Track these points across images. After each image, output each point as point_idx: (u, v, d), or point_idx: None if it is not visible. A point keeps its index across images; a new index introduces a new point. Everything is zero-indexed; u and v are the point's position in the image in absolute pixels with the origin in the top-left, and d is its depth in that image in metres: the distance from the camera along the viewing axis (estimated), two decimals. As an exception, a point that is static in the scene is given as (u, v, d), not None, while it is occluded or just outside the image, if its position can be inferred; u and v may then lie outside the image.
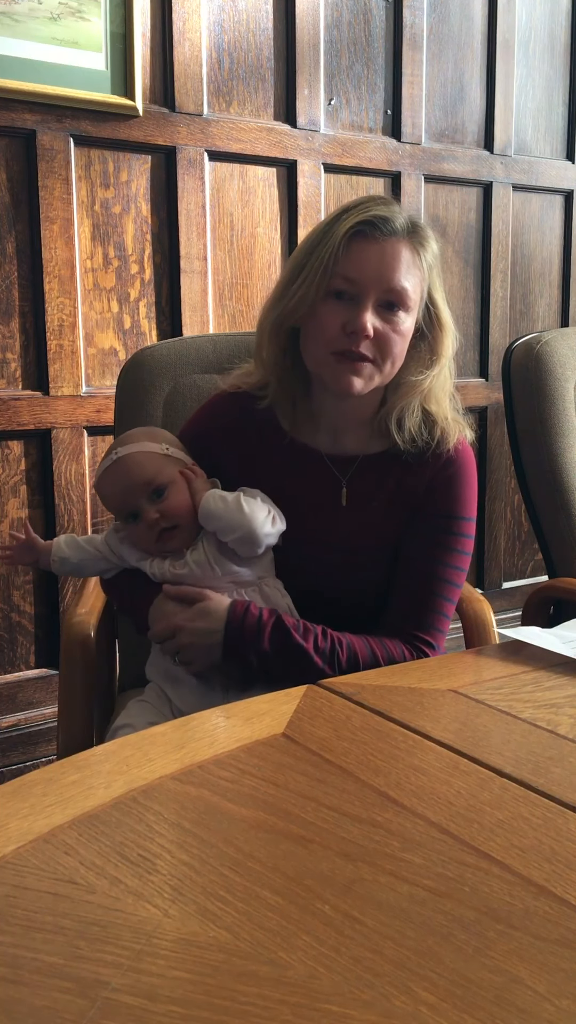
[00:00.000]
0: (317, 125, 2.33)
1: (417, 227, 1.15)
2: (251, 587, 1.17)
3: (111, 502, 1.18)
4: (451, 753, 0.76)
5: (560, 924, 0.54)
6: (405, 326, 1.13)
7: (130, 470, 1.15)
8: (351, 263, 1.11)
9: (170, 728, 0.81)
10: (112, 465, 1.16)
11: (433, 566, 1.18)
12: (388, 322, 1.12)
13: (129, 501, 1.15)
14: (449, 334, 1.19)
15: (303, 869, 0.59)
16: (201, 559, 1.15)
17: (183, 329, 2.19)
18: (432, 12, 2.51)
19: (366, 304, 1.11)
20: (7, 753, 2.06)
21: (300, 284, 1.13)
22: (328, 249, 1.11)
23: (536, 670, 0.97)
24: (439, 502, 1.19)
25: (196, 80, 2.14)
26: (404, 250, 1.12)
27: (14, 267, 1.99)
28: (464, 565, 1.20)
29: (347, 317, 1.11)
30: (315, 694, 0.88)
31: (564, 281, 2.88)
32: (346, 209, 1.13)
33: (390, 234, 1.11)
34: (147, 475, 1.14)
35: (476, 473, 1.24)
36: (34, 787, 0.69)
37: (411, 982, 0.49)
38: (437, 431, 1.20)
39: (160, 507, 1.13)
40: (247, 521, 1.12)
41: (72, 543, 1.22)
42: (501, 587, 2.84)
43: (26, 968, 0.50)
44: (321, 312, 1.12)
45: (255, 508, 1.13)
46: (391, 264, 1.11)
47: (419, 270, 1.14)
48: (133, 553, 1.19)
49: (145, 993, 0.48)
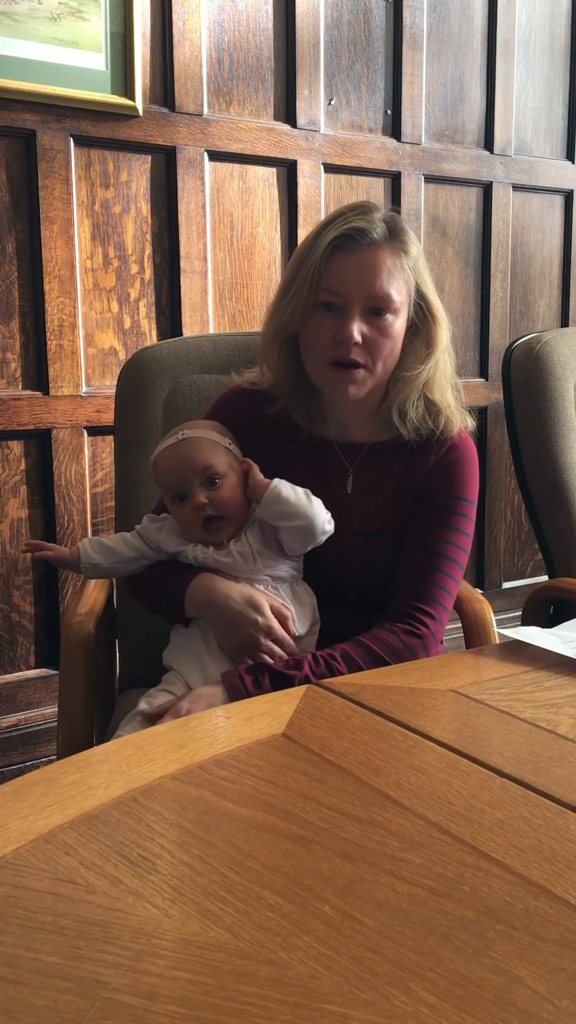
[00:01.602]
0: (317, 125, 2.33)
1: (396, 231, 1.18)
2: (285, 584, 1.20)
3: (164, 479, 1.20)
4: (451, 753, 0.76)
5: (560, 924, 0.54)
6: (394, 329, 1.17)
7: (192, 452, 1.18)
8: (333, 276, 1.16)
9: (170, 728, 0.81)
10: (176, 444, 1.19)
11: (434, 543, 1.21)
12: (376, 327, 1.16)
13: (183, 482, 1.17)
14: (442, 325, 1.22)
15: (303, 869, 0.59)
16: (245, 550, 1.17)
17: (183, 329, 2.19)
18: (432, 12, 2.51)
19: (352, 314, 1.15)
20: (7, 753, 2.06)
21: (290, 299, 1.19)
22: (312, 264, 1.16)
23: (536, 670, 0.97)
24: (441, 484, 1.23)
25: (196, 80, 2.14)
26: (385, 257, 1.16)
27: (14, 267, 1.99)
28: (465, 545, 1.23)
29: (336, 327, 1.16)
30: (315, 694, 0.88)
31: (564, 281, 2.88)
32: (328, 222, 1.18)
33: (369, 244, 1.15)
34: (207, 460, 1.17)
35: (477, 460, 1.27)
36: (34, 787, 0.69)
37: (411, 982, 0.49)
38: (441, 419, 1.23)
39: (211, 495, 1.16)
40: (313, 512, 1.15)
41: (100, 548, 1.23)
42: (501, 587, 2.84)
43: (26, 968, 0.50)
44: (311, 324, 1.18)
45: (320, 505, 1.17)
46: (372, 273, 1.15)
47: (402, 271, 1.17)
48: (172, 540, 1.21)
49: (145, 993, 0.48)
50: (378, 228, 1.16)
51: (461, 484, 1.23)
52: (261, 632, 1.13)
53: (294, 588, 1.21)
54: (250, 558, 1.17)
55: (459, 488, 1.23)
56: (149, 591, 1.23)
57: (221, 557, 1.18)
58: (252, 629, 1.13)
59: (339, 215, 1.18)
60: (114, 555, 1.22)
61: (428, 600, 1.19)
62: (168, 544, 1.21)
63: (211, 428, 1.23)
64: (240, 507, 1.18)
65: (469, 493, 1.24)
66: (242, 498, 1.18)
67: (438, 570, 1.20)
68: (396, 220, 1.19)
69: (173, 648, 1.22)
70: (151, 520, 1.24)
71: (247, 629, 1.13)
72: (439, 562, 1.20)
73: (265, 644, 1.14)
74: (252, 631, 1.13)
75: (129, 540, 1.23)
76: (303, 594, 1.21)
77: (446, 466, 1.23)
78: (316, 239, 1.17)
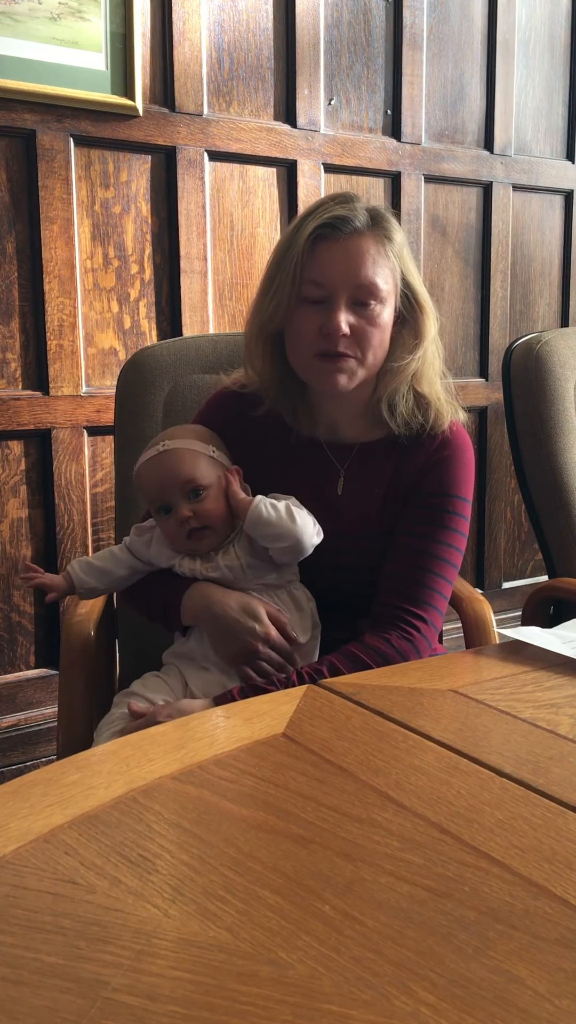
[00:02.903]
0: (317, 125, 2.33)
1: (379, 219, 1.15)
2: (281, 590, 1.18)
3: (147, 492, 1.19)
4: (451, 753, 0.76)
5: (560, 924, 0.54)
6: (382, 318, 1.15)
7: (173, 465, 1.16)
8: (316, 267, 1.12)
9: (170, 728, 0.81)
10: (157, 456, 1.17)
11: (424, 543, 1.17)
12: (363, 317, 1.13)
13: (165, 495, 1.15)
14: (430, 315, 1.20)
15: (303, 869, 0.59)
16: (233, 563, 1.16)
17: (183, 329, 2.19)
18: (432, 12, 2.51)
19: (338, 304, 1.12)
20: (7, 753, 2.06)
21: (273, 294, 1.15)
22: (293, 257, 1.13)
23: (536, 670, 0.97)
24: (432, 481, 1.19)
25: (196, 80, 2.14)
26: (368, 245, 1.13)
27: (14, 267, 1.99)
28: (459, 545, 1.19)
29: (322, 320, 1.13)
30: (315, 694, 0.88)
31: (564, 281, 2.88)
32: (308, 213, 1.15)
33: (352, 232, 1.12)
34: (189, 473, 1.15)
35: (472, 455, 1.23)
36: (34, 787, 0.69)
37: (411, 982, 0.49)
38: (431, 413, 1.20)
39: (195, 507, 1.14)
40: (298, 531, 1.12)
41: (91, 570, 1.21)
42: (501, 587, 2.84)
43: (26, 968, 0.50)
44: (296, 318, 1.15)
45: (305, 518, 1.14)
46: (356, 262, 1.12)
47: (387, 259, 1.15)
48: (163, 553, 1.19)
49: (145, 993, 0.48)
50: (360, 216, 1.13)
51: (454, 481, 1.20)
52: (259, 639, 1.12)
53: (292, 593, 1.19)
54: (239, 571, 1.16)
55: (452, 485, 1.19)
56: (145, 600, 1.22)
57: (210, 572, 1.16)
58: (250, 637, 1.12)
59: (319, 205, 1.15)
60: (107, 575, 1.21)
61: (419, 603, 1.16)
62: (159, 559, 1.19)
63: (194, 436, 1.20)
64: (225, 517, 1.16)
65: (462, 490, 1.20)
66: (227, 507, 1.16)
67: (430, 572, 1.17)
68: (378, 209, 1.17)
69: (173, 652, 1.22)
70: (139, 532, 1.22)
71: (244, 637, 1.12)
72: (431, 563, 1.17)
73: (263, 651, 1.13)
74: (250, 639, 1.12)
75: (119, 557, 1.21)
76: (302, 598, 1.20)
77: (437, 462, 1.20)
78: (296, 231, 1.14)
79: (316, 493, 1.20)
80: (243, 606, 1.13)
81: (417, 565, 1.17)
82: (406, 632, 1.14)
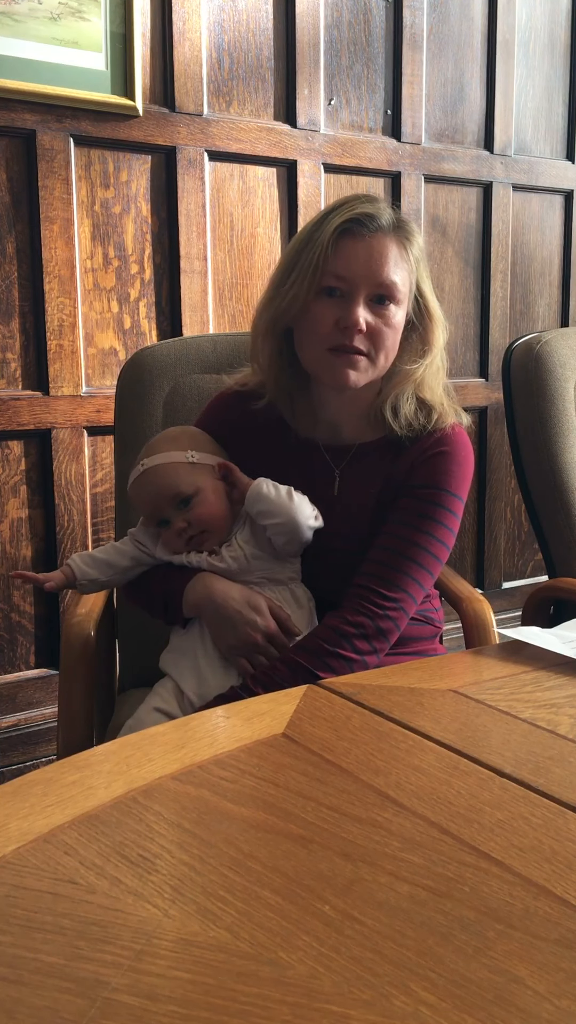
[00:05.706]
0: (317, 125, 2.33)
1: (402, 222, 1.18)
2: (282, 586, 1.20)
3: (142, 510, 1.22)
4: (451, 753, 0.76)
5: (560, 924, 0.54)
6: (396, 319, 1.16)
7: (154, 482, 1.18)
8: (340, 260, 1.13)
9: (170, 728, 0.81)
10: (139, 477, 1.20)
11: (407, 531, 1.16)
12: (379, 316, 1.15)
13: (157, 511, 1.18)
14: (439, 324, 1.21)
15: (303, 869, 0.59)
16: (238, 554, 1.17)
17: (183, 329, 2.19)
18: (432, 12, 2.51)
19: (357, 299, 1.13)
20: (7, 753, 2.06)
21: (292, 284, 1.16)
22: (317, 248, 1.13)
23: (536, 670, 0.97)
24: (423, 474, 1.19)
25: (196, 80, 2.14)
26: (391, 245, 1.15)
27: (14, 267, 1.99)
28: (443, 537, 1.17)
29: (340, 313, 1.14)
30: (315, 694, 0.88)
31: (564, 281, 2.88)
32: (333, 208, 1.16)
33: (376, 230, 1.14)
34: (171, 487, 1.16)
35: (470, 456, 1.23)
36: (34, 787, 0.69)
37: (411, 982, 0.49)
38: (434, 415, 1.21)
39: (187, 516, 1.16)
40: (294, 510, 1.14)
41: (94, 562, 1.22)
42: (501, 587, 2.84)
43: (26, 968, 0.50)
44: (314, 310, 1.15)
45: (303, 501, 1.16)
46: (379, 259, 1.14)
47: (407, 263, 1.17)
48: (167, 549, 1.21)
49: (145, 993, 0.48)
50: (385, 216, 1.15)
51: (445, 476, 1.18)
52: (259, 632, 1.13)
53: (292, 590, 1.20)
54: (243, 561, 1.17)
55: (443, 480, 1.18)
56: (147, 594, 1.22)
57: (216, 563, 1.18)
58: (250, 629, 1.13)
59: (344, 202, 1.16)
60: (110, 567, 1.22)
61: (391, 586, 1.13)
62: (164, 553, 1.21)
63: (169, 445, 1.20)
64: (221, 516, 1.18)
65: (453, 486, 1.18)
66: (222, 506, 1.18)
67: (409, 559, 1.14)
68: (400, 212, 1.19)
69: (169, 651, 1.22)
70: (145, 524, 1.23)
71: (245, 628, 1.13)
72: (411, 551, 1.15)
73: (263, 645, 1.13)
74: (250, 631, 1.13)
75: (123, 549, 1.22)
76: (302, 597, 1.21)
77: (431, 457, 1.19)
78: (320, 225, 1.15)
79: (312, 494, 1.20)
80: (246, 598, 1.15)
81: (397, 551, 1.15)
82: (367, 609, 1.13)
